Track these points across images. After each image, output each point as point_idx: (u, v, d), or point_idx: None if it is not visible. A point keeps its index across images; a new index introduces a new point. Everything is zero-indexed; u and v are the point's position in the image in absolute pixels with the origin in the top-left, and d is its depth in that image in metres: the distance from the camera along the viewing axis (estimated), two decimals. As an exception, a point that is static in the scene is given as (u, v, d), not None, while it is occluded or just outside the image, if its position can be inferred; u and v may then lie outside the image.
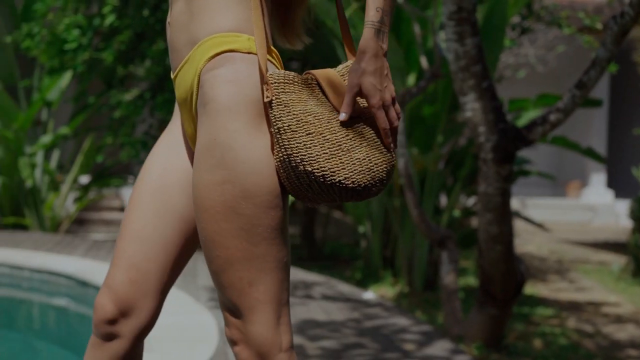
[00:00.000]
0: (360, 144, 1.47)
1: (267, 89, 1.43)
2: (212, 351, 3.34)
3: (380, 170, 1.47)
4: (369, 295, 4.86)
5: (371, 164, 1.46)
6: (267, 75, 1.43)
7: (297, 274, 5.48)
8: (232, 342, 1.47)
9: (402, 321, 4.17)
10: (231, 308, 1.45)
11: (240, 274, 1.43)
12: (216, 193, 1.41)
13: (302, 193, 1.45)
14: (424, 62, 4.69)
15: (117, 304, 1.54)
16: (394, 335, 3.85)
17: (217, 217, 1.41)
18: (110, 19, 5.90)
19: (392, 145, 1.48)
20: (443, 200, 6.24)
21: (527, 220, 6.25)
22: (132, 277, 1.53)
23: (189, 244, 1.58)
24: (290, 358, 1.47)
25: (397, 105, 1.47)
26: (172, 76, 1.56)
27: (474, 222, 6.73)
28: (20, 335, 4.54)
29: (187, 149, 1.59)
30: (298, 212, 7.30)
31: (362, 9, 4.98)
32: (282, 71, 1.45)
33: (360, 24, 4.84)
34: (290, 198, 2.76)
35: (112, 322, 1.54)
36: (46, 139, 7.80)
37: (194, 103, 1.50)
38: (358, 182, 1.44)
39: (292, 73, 1.46)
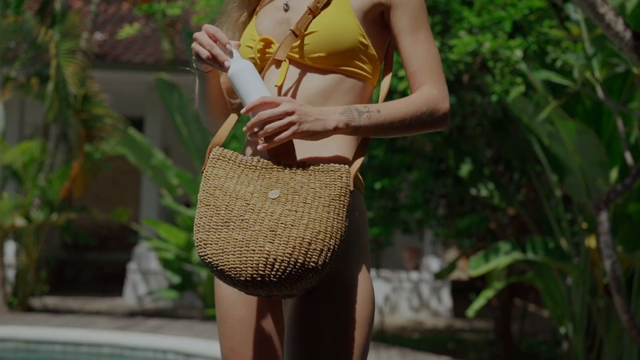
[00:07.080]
0: (251, 227, 1.39)
1: (205, 162, 1.51)
2: None
3: (255, 259, 1.36)
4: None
5: (244, 249, 1.37)
6: (210, 148, 1.51)
7: (496, 377, 5.30)
8: None
9: None
10: None
11: None
12: (371, 307, 1.53)
13: None
14: (628, 157, 4.49)
15: None
16: None
17: (369, 328, 1.52)
18: None
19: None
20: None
21: None
22: None
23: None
24: None
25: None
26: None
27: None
28: None
29: None
30: (493, 306, 7.10)
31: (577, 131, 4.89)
32: (228, 150, 1.50)
33: (566, 135, 4.76)
34: None
35: None
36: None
37: None
38: (223, 262, 1.38)
39: (237, 154, 1.50)
